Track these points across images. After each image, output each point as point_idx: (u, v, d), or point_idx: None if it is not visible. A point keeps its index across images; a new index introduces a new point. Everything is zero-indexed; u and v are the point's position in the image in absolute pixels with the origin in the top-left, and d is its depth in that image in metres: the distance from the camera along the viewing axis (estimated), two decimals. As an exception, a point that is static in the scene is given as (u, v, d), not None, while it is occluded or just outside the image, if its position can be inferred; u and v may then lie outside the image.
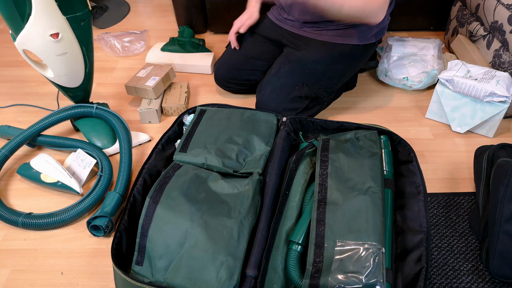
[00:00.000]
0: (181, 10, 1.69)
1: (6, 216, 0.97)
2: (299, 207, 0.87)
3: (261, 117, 1.06)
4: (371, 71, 1.50)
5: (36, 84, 1.48)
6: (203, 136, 0.99)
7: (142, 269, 0.76)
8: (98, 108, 1.14)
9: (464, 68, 1.18)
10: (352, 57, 1.21)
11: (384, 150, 0.95)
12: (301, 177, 0.92)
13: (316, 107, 1.25)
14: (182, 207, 0.79)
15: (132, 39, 1.65)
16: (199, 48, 1.55)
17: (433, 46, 1.40)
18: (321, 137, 0.98)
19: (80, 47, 1.06)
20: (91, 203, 0.99)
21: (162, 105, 1.30)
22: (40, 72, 1.07)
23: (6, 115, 1.34)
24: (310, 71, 1.17)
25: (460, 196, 1.02)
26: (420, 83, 1.34)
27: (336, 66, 1.19)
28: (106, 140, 1.18)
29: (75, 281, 0.87)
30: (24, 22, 0.94)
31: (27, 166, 1.07)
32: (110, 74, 1.54)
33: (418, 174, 0.89)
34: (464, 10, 1.48)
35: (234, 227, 0.78)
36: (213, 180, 0.87)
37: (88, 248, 0.94)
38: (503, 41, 1.23)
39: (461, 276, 0.86)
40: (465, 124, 1.20)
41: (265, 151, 0.97)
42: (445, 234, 0.94)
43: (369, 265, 0.71)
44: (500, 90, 1.09)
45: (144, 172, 0.93)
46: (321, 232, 0.77)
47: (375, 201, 0.81)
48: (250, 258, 0.76)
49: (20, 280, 0.88)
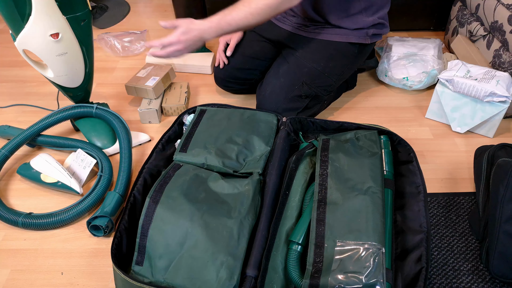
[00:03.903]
0: (181, 10, 1.69)
1: (6, 216, 0.97)
2: (299, 207, 0.87)
3: (261, 117, 1.06)
4: (371, 71, 1.50)
5: (36, 84, 1.48)
6: (203, 136, 0.99)
7: (142, 269, 0.76)
8: (98, 108, 1.14)
9: (464, 68, 1.18)
10: (349, 54, 1.21)
11: (384, 150, 0.95)
12: (301, 177, 0.92)
13: (316, 107, 1.25)
14: (182, 207, 0.79)
15: (132, 39, 1.65)
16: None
17: (433, 46, 1.40)
18: (321, 137, 0.98)
19: (80, 47, 1.06)
20: (91, 203, 0.99)
21: (162, 105, 1.30)
22: (40, 72, 1.07)
23: (6, 115, 1.34)
24: (309, 69, 1.17)
25: (460, 196, 1.02)
26: (420, 83, 1.34)
27: (334, 64, 1.19)
28: (106, 140, 1.18)
29: (75, 281, 0.87)
30: (24, 22, 0.94)
31: (27, 166, 1.07)
32: (110, 74, 1.54)
33: (418, 174, 0.89)
34: (464, 10, 1.48)
35: (234, 227, 0.78)
36: (213, 180, 0.88)
37: (88, 248, 0.94)
38: (503, 41, 1.23)
39: (461, 276, 0.86)
40: (465, 124, 1.20)
41: (265, 151, 0.97)
42: (445, 234, 0.94)
43: (369, 265, 0.71)
44: (500, 90, 1.09)
45: (144, 172, 0.93)
46: (321, 232, 0.77)
47: (375, 201, 0.81)
48: (250, 258, 0.76)
49: (20, 280, 0.88)
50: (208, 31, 0.99)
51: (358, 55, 1.22)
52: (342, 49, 1.19)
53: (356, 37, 1.18)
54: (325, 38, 1.19)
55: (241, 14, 0.99)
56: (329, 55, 1.18)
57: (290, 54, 1.22)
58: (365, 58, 1.32)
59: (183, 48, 0.99)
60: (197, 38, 0.99)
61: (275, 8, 1.00)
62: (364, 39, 1.19)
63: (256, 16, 0.99)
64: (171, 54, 1.00)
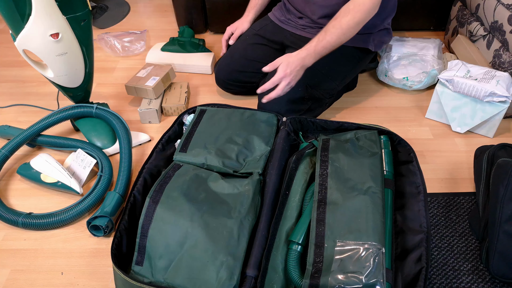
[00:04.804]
0: (181, 10, 1.69)
1: (6, 216, 0.97)
2: (299, 207, 0.87)
3: (261, 117, 1.06)
4: (371, 71, 1.50)
5: (36, 84, 1.48)
6: (203, 136, 0.99)
7: (142, 269, 0.76)
8: (98, 108, 1.14)
9: (464, 68, 1.18)
10: (354, 59, 1.21)
11: (384, 150, 0.95)
12: (301, 177, 0.92)
13: (318, 109, 1.25)
14: (182, 207, 0.79)
15: (132, 39, 1.65)
16: (199, 48, 1.55)
17: (433, 46, 1.40)
18: (321, 137, 0.98)
19: (80, 47, 1.06)
20: (91, 203, 0.99)
21: (162, 105, 1.30)
22: (40, 72, 1.07)
23: (6, 115, 1.34)
24: (313, 72, 1.17)
25: (460, 196, 1.02)
26: (420, 83, 1.34)
27: (338, 68, 1.19)
28: (106, 140, 1.18)
29: (75, 281, 0.87)
30: (24, 22, 0.94)
31: (27, 166, 1.07)
32: (110, 74, 1.54)
33: (418, 174, 0.89)
34: (464, 10, 1.48)
35: (234, 227, 0.78)
36: (213, 180, 0.88)
37: (88, 248, 0.94)
38: (503, 41, 1.23)
39: (461, 276, 0.86)
40: (465, 124, 1.20)
41: (265, 151, 0.97)
42: (445, 234, 0.94)
43: (369, 265, 0.71)
44: (500, 90, 1.09)
45: (144, 172, 0.93)
46: (321, 232, 0.77)
47: (375, 201, 0.81)
48: (250, 258, 0.76)
49: (20, 280, 0.88)
50: (307, 58, 1.06)
51: (362, 60, 1.23)
52: (347, 53, 1.19)
53: (361, 42, 1.19)
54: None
55: (334, 36, 1.05)
56: (334, 58, 1.18)
57: None
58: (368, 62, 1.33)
59: (291, 80, 1.06)
60: (299, 67, 1.06)
61: (363, 23, 1.06)
62: (369, 45, 1.19)
63: (348, 35, 1.06)
64: (284, 90, 1.06)
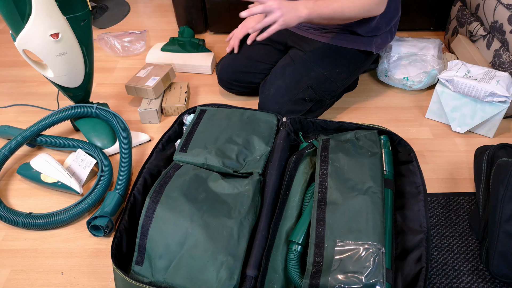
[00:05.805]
0: (181, 10, 1.69)
1: (6, 216, 0.97)
2: (299, 207, 0.87)
3: (261, 117, 1.06)
4: (371, 71, 1.50)
5: (36, 84, 1.48)
6: (203, 136, 0.99)
7: (142, 269, 0.76)
8: (98, 108, 1.14)
9: (464, 68, 1.18)
10: (356, 61, 1.21)
11: (384, 150, 0.95)
12: (301, 177, 0.92)
13: (319, 110, 1.25)
14: (182, 207, 0.79)
15: (132, 39, 1.65)
16: (199, 48, 1.55)
17: (433, 46, 1.40)
18: (321, 137, 0.98)
19: (80, 47, 1.06)
20: (91, 203, 0.99)
21: (162, 105, 1.30)
22: (40, 72, 1.07)
23: (6, 115, 1.34)
24: (315, 73, 1.17)
25: (460, 196, 1.02)
26: (420, 83, 1.34)
27: (340, 70, 1.19)
28: (106, 140, 1.18)
29: (75, 281, 0.87)
30: (24, 22, 0.94)
31: (27, 166, 1.07)
32: (110, 74, 1.54)
33: (418, 174, 0.89)
34: (464, 10, 1.48)
35: (234, 227, 0.78)
36: (213, 180, 0.88)
37: (88, 248, 0.94)
38: (503, 41, 1.23)
39: (461, 276, 0.86)
40: (465, 124, 1.20)
41: (265, 151, 0.97)
42: (445, 234, 0.94)
43: (369, 265, 0.71)
44: (500, 90, 1.09)
45: (144, 172, 0.93)
46: (321, 232, 0.77)
47: (375, 201, 0.81)
48: (250, 258, 0.76)
49: (20, 280, 0.88)
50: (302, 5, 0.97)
51: (364, 62, 1.23)
52: (350, 56, 1.20)
53: (364, 45, 1.19)
54: (335, 43, 1.19)
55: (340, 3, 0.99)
56: (337, 60, 1.18)
57: (297, 55, 1.21)
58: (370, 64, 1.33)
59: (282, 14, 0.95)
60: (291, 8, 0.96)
61: (368, 11, 1.04)
62: (372, 47, 1.19)
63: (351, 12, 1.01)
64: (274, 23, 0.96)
